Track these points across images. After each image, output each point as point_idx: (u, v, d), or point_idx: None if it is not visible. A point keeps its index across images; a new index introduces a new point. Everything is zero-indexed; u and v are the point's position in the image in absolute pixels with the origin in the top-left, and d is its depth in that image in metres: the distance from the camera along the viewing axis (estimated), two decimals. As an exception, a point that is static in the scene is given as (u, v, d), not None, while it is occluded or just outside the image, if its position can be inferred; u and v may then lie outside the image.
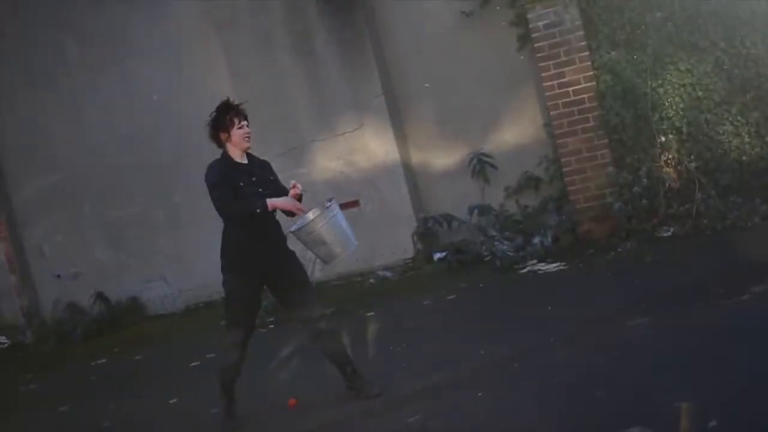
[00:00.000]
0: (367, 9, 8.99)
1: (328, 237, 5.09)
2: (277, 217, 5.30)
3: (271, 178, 5.36)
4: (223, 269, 5.30)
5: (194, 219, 9.53)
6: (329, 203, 5.19)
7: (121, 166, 9.75)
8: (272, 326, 7.87)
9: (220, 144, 5.27)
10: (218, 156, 5.33)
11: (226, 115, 5.21)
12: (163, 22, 9.48)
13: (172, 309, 9.78)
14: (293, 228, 5.16)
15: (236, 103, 5.31)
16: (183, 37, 9.45)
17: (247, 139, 5.23)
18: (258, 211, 5.06)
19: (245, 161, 5.28)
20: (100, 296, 9.82)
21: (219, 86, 9.08)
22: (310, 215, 5.16)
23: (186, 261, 9.64)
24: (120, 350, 8.69)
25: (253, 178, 5.21)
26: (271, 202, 5.07)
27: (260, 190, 5.19)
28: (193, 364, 7.35)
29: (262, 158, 5.47)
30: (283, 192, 5.26)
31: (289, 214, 5.30)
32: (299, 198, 5.22)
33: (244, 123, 5.23)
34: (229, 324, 5.39)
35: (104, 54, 9.70)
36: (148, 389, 6.92)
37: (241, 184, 5.14)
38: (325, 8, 8.98)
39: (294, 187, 5.19)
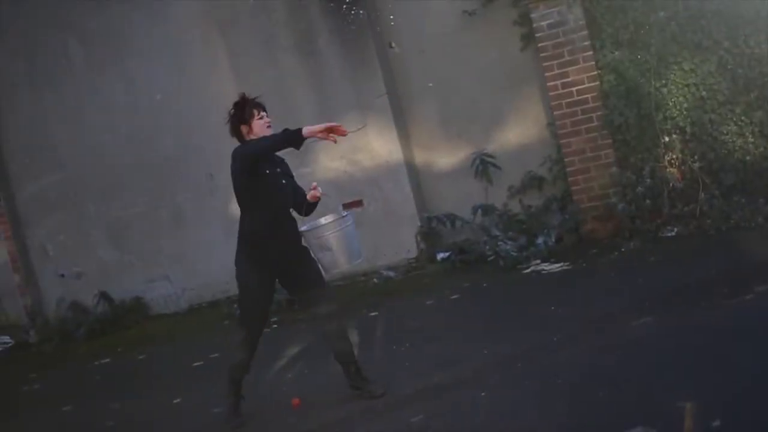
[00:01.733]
0: (370, 8, 8.98)
1: (336, 245, 5.07)
2: (293, 215, 5.30)
3: (290, 175, 5.38)
4: (237, 261, 5.28)
5: (197, 218, 9.57)
6: (345, 213, 5.20)
7: (124, 166, 9.78)
8: (276, 326, 7.87)
9: (242, 138, 5.24)
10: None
11: (245, 108, 5.20)
12: (165, 22, 9.50)
13: (175, 308, 9.81)
14: (304, 228, 5.17)
15: (252, 96, 5.28)
16: (185, 37, 9.47)
17: (269, 127, 5.22)
18: (294, 137, 4.82)
19: None
20: (104, 295, 9.84)
21: (221, 86, 9.12)
22: (323, 220, 5.19)
23: (189, 260, 9.67)
24: (123, 350, 8.69)
25: (278, 169, 5.23)
26: (306, 130, 4.79)
27: (283, 181, 5.22)
28: (196, 363, 7.35)
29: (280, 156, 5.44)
30: (299, 191, 5.29)
31: (303, 209, 5.29)
32: (316, 201, 5.26)
33: (264, 113, 5.23)
34: (240, 319, 5.42)
35: (106, 54, 9.74)
36: (151, 389, 6.92)
37: (267, 171, 5.14)
38: (328, 8, 8.98)
39: (315, 188, 5.20)
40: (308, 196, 5.26)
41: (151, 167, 9.68)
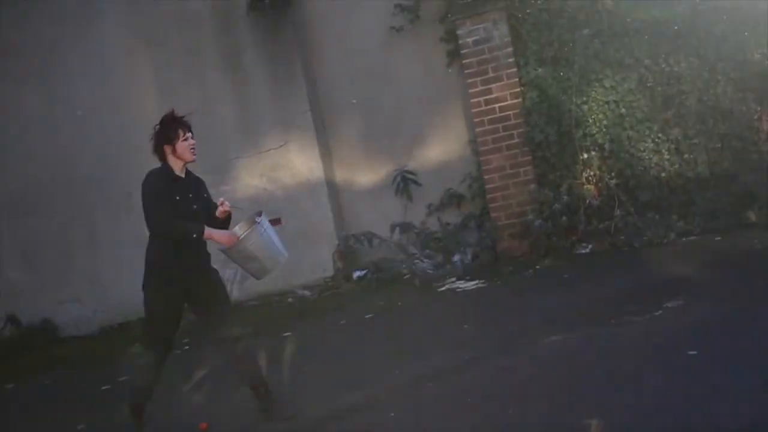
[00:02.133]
0: (297, 24, 8.88)
1: (260, 253, 5.01)
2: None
3: (205, 195, 5.22)
4: (145, 285, 5.12)
5: (112, 238, 9.30)
6: (259, 218, 5.09)
7: (40, 183, 9.48)
8: (187, 348, 7.65)
9: (162, 157, 5.07)
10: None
11: (171, 126, 5.03)
12: (89, 36, 9.27)
13: (86, 331, 9.46)
14: (223, 246, 5.04)
15: (180, 115, 5.11)
16: (108, 51, 9.26)
17: (192, 151, 5.06)
18: (194, 236, 4.92)
19: (183, 176, 5.11)
20: (11, 319, 9.52)
21: (145, 102, 8.90)
22: (238, 231, 5.11)
23: (101, 281, 9.37)
24: (29, 374, 8.35)
25: (190, 195, 5.06)
26: (208, 232, 4.93)
27: (195, 207, 5.05)
28: (104, 387, 7.12)
29: (197, 175, 5.29)
30: (213, 209, 5.11)
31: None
32: (228, 216, 5.11)
33: (189, 135, 5.06)
34: (146, 342, 5.25)
35: (27, 67, 9.44)
36: (55, 414, 6.66)
37: (178, 198, 4.98)
38: (254, 23, 8.85)
39: (222, 204, 5.05)
40: (217, 213, 5.10)
41: (68, 184, 9.40)
